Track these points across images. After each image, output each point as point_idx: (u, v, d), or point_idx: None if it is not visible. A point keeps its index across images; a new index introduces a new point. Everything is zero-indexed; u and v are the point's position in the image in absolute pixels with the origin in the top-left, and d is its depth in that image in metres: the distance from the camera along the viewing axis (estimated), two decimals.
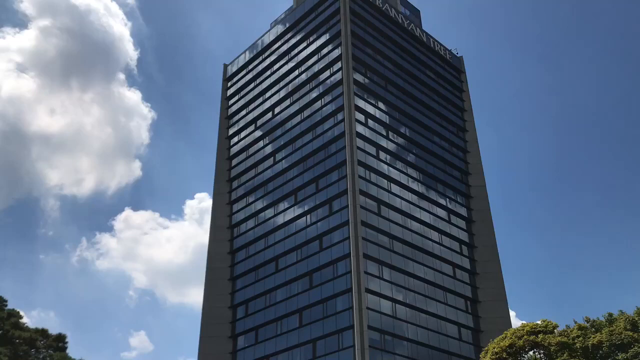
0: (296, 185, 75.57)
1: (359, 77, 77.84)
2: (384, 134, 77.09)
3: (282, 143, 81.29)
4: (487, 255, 78.38)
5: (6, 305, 35.87)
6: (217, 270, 78.46)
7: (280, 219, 75.70)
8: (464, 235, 79.33)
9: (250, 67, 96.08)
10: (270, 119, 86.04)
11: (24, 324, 35.30)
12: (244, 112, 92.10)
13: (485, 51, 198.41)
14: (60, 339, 36.60)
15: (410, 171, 77.67)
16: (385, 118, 78.61)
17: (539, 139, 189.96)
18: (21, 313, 36.00)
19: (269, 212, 78.21)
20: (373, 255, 65.20)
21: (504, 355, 29.85)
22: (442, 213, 78.47)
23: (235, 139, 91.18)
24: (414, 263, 69.77)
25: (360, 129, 73.17)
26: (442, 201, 79.46)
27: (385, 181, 73.03)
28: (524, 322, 33.33)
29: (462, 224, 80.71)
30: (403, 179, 75.41)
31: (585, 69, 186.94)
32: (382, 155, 74.91)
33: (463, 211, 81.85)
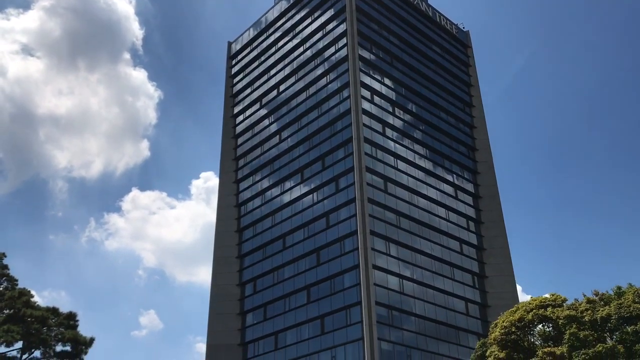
0: (302, 163, 75.45)
1: (364, 53, 77.10)
2: (390, 110, 76.60)
3: (287, 121, 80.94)
4: (494, 231, 78.37)
5: (17, 285, 36.20)
6: (224, 248, 78.88)
7: (286, 197, 75.78)
8: (470, 212, 79.26)
9: (255, 44, 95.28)
10: (275, 97, 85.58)
11: (35, 302, 35.63)
12: (248, 90, 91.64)
13: (491, 25, 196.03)
14: (71, 317, 36.95)
15: (417, 148, 77.32)
16: (391, 94, 78.01)
17: (546, 114, 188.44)
18: (32, 292, 36.37)
19: (276, 191, 78.27)
20: (380, 232, 65.28)
21: (513, 329, 29.94)
22: (448, 189, 78.32)
23: (241, 118, 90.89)
24: (420, 239, 69.87)
25: (366, 105, 72.70)
26: (448, 177, 79.24)
27: (392, 158, 72.78)
28: (531, 296, 33.45)
29: (469, 200, 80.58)
30: (409, 155, 75.13)
31: (593, 45, 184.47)
32: (389, 132, 74.52)
33: (470, 187, 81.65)
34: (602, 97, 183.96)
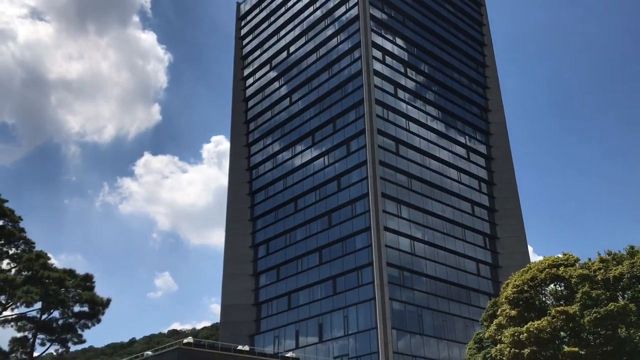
0: (313, 126, 75.10)
1: (376, 13, 75.65)
2: (402, 71, 75.56)
3: (297, 83, 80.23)
4: (506, 192, 78.15)
5: (34, 247, 36.82)
6: (237, 211, 79.44)
7: (297, 161, 75.75)
8: (483, 173, 78.91)
9: (264, 4, 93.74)
10: (285, 59, 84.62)
11: (52, 265, 36.27)
12: (258, 52, 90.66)
13: None
14: (88, 279, 37.64)
15: (429, 109, 76.54)
16: (403, 55, 76.82)
17: (560, 74, 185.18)
18: (49, 255, 36.97)
19: (287, 154, 78.22)
20: (391, 195, 65.29)
21: (525, 288, 30.04)
22: (461, 151, 77.81)
23: (251, 80, 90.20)
24: (432, 201, 69.88)
25: (377, 66, 71.73)
26: (461, 139, 78.60)
27: (404, 120, 72.16)
28: (543, 257, 33.39)
29: (482, 161, 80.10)
30: (422, 117, 74.45)
31: (608, 4, 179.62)
32: (401, 93, 73.69)
33: (482, 149, 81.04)
34: (619, 56, 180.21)
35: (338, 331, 61.47)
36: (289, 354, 57.73)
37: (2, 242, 34.91)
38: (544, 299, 31.07)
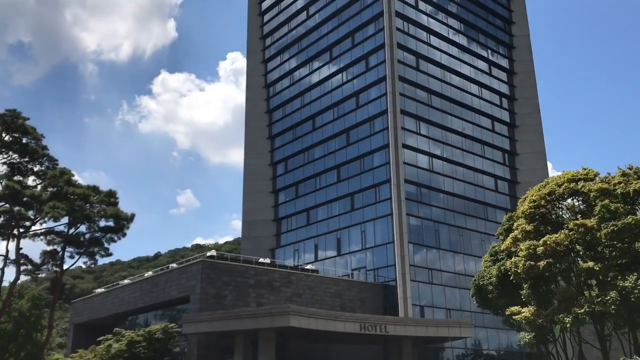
0: (331, 41, 73.33)
1: None
2: None
3: None
4: (527, 108, 76.82)
5: (57, 165, 37.56)
6: (255, 129, 79.49)
7: (315, 77, 74.67)
8: (504, 88, 77.31)
9: None
10: None
11: (75, 181, 37.11)
12: None
13: None
14: (112, 194, 38.59)
15: (452, 22, 73.96)
16: None
17: None
18: (73, 172, 37.71)
19: (304, 70, 77.00)
20: (410, 111, 64.59)
21: (542, 203, 30.10)
22: (482, 65, 75.90)
23: None
24: (452, 117, 69.15)
25: None
26: (483, 53, 76.43)
27: (425, 33, 70.02)
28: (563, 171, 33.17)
29: (504, 76, 78.27)
30: (443, 30, 72.12)
31: None
32: (422, 5, 71.00)
33: (505, 63, 78.93)
34: None
35: (356, 245, 62.94)
36: (309, 266, 59.65)
37: (27, 159, 35.64)
38: (561, 213, 31.20)
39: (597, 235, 27.54)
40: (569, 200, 31.31)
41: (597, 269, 27.35)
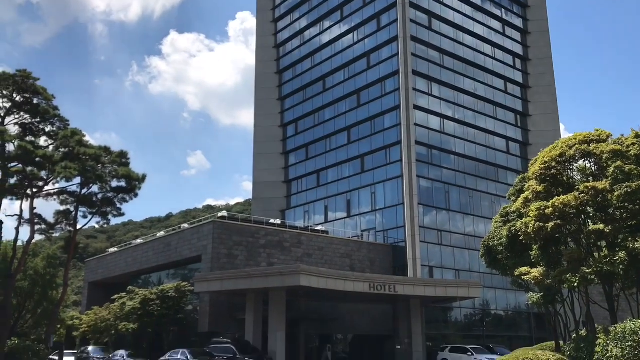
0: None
1: None
2: None
3: None
4: (541, 68, 75.62)
5: (69, 125, 37.62)
6: (265, 90, 78.99)
7: (325, 37, 73.68)
8: (518, 48, 75.98)
9: None
10: None
11: (87, 142, 37.24)
12: None
13: None
14: (123, 155, 38.71)
15: None
16: None
17: None
18: (84, 132, 37.83)
19: (314, 30, 75.97)
20: (422, 72, 63.86)
21: (553, 164, 29.79)
22: (496, 25, 74.46)
23: None
24: (464, 78, 68.34)
25: None
26: (497, 12, 74.88)
27: None
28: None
29: (517, 36, 76.81)
30: None
31: None
32: None
33: (519, 22, 77.35)
34: None
35: (365, 207, 63.17)
36: (319, 227, 60.09)
37: (38, 119, 35.77)
38: (572, 174, 30.93)
39: (609, 198, 27.34)
40: (581, 162, 30.99)
41: (608, 230, 27.24)
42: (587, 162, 31.10)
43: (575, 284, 27.24)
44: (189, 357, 35.96)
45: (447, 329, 59.58)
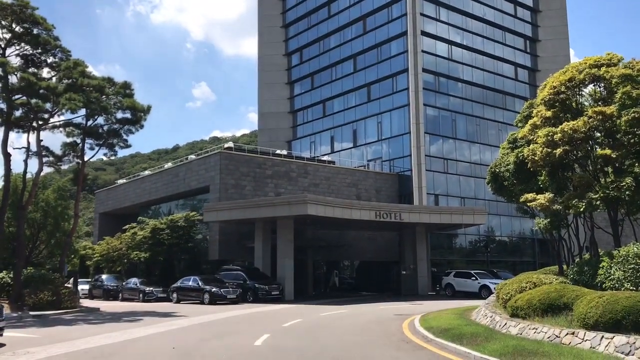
0: None
1: None
2: None
3: None
4: None
5: (71, 56, 36.98)
6: (269, 18, 77.11)
7: None
8: None
9: None
10: None
11: (90, 72, 36.70)
12: None
13: None
14: (127, 86, 38.16)
15: None
16: None
17: None
18: (87, 64, 37.23)
19: None
20: None
21: (562, 89, 29.22)
22: None
23: None
24: (473, 3, 66.37)
25: None
26: None
27: None
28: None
29: None
30: None
31: None
32: None
33: None
34: None
35: (372, 136, 62.99)
36: (325, 157, 60.22)
37: (40, 50, 35.07)
38: (581, 100, 30.46)
39: (617, 123, 27.04)
40: (590, 87, 30.43)
41: (615, 156, 27.07)
42: (597, 86, 30.57)
43: (581, 210, 27.42)
44: (200, 283, 37.02)
45: (451, 254, 60.80)
